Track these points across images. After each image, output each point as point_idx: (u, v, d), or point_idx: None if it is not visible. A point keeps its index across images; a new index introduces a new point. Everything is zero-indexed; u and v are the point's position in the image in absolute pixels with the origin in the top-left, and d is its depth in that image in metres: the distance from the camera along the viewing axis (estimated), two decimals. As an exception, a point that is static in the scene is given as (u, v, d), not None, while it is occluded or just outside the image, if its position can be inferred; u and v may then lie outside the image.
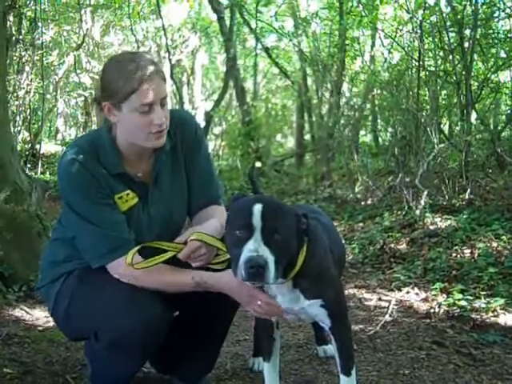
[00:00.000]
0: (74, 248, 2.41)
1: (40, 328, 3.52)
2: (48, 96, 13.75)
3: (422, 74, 7.25)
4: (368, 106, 10.25)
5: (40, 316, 3.75)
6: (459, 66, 6.89)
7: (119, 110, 2.26)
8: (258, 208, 1.97)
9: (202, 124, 14.29)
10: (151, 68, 2.24)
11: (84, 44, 13.06)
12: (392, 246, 5.59)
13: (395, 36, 8.62)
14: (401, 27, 8.69)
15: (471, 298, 3.93)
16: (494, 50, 7.33)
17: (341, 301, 2.31)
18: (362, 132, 11.16)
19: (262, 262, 1.90)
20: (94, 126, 16.24)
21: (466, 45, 6.70)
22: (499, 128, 7.53)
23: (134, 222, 2.38)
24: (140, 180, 2.41)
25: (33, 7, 9.31)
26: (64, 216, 2.46)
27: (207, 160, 2.62)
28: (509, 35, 7.11)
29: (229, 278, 2.18)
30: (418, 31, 7.21)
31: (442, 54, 7.28)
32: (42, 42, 10.37)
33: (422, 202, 6.11)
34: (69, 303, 2.38)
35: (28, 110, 11.35)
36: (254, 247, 1.92)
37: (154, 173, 2.44)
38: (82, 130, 18.05)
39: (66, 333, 2.57)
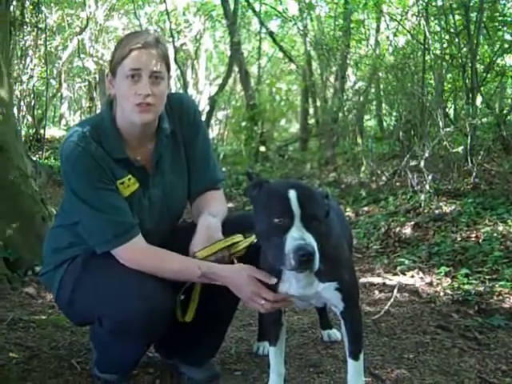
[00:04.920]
0: (76, 234, 2.41)
1: (45, 312, 3.53)
2: (52, 81, 13.72)
3: (428, 57, 7.20)
4: (373, 90, 10.20)
5: (45, 301, 3.76)
6: (465, 49, 6.83)
7: (114, 76, 2.31)
8: (293, 194, 1.95)
9: (207, 108, 14.28)
10: (148, 39, 2.28)
11: (87, 28, 13.02)
12: (397, 230, 5.59)
13: (400, 19, 8.56)
14: (406, 10, 8.63)
15: (476, 282, 3.94)
16: (500, 33, 7.28)
17: (355, 283, 2.30)
18: (367, 116, 11.11)
19: (312, 250, 1.89)
20: (99, 111, 16.27)
21: (472, 28, 6.64)
22: (505, 112, 7.47)
23: (135, 207, 2.38)
24: (140, 165, 2.41)
25: (36, -9, 9.27)
26: (67, 201, 2.45)
27: (206, 143, 2.62)
28: (515, 18, 7.06)
29: (237, 272, 2.21)
30: (424, 14, 7.15)
31: (447, 37, 7.22)
32: (46, 26, 10.34)
33: (427, 187, 6.10)
34: (73, 289, 2.38)
35: (32, 95, 11.34)
36: (298, 235, 1.90)
37: (155, 157, 2.44)
38: (86, 114, 18.07)
39: (71, 318, 2.58)
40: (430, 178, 6.16)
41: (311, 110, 14.40)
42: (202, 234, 2.33)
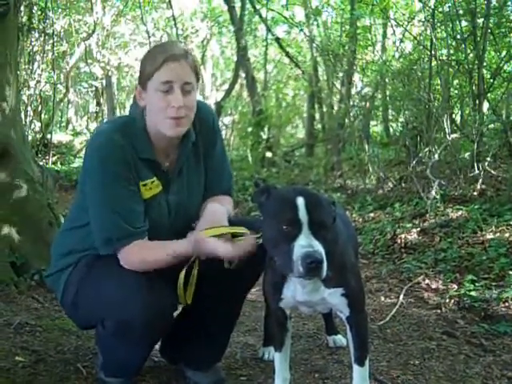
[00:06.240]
0: (83, 238, 2.42)
1: (51, 317, 3.53)
2: (59, 86, 13.77)
3: (434, 63, 7.20)
4: (379, 95, 10.20)
5: (51, 305, 3.77)
6: (471, 55, 6.83)
7: (145, 90, 2.31)
8: (301, 201, 1.96)
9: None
10: (178, 52, 2.29)
11: (95, 34, 13.07)
12: (403, 236, 5.57)
13: (407, 25, 8.56)
14: (413, 16, 8.64)
15: (482, 288, 3.92)
16: (506, 39, 7.27)
17: (361, 289, 2.31)
18: (373, 122, 11.10)
19: (320, 258, 1.89)
20: (105, 117, 16.33)
21: (479, 34, 6.64)
22: (511, 118, 7.47)
23: (155, 210, 2.39)
24: (165, 169, 2.42)
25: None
26: (81, 200, 2.43)
27: (222, 152, 2.65)
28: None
29: (189, 241, 2.24)
30: (430, 20, 7.15)
31: (454, 43, 7.22)
32: (53, 32, 10.38)
33: (433, 193, 6.09)
34: (76, 291, 2.39)
35: (39, 100, 11.39)
36: (306, 243, 1.91)
37: (178, 164, 2.45)
38: (93, 119, 18.12)
39: (76, 321, 2.59)
40: (436, 184, 6.15)
41: (317, 116, 14.39)
42: (208, 217, 2.35)
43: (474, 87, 6.69)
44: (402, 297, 4.00)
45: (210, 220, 2.33)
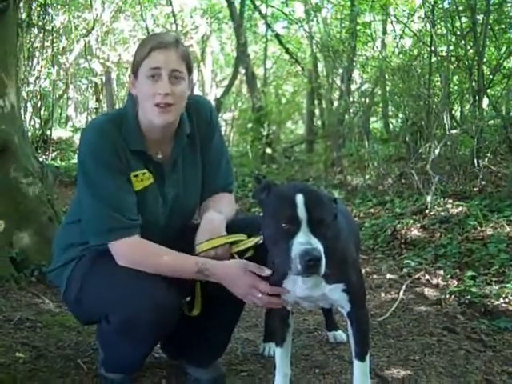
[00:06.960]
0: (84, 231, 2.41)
1: (52, 312, 3.53)
2: (58, 82, 13.76)
3: (434, 59, 7.19)
4: (379, 91, 10.18)
5: (51, 301, 3.77)
6: (471, 51, 6.82)
7: (136, 78, 2.32)
8: (301, 199, 1.96)
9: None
10: (168, 40, 2.30)
11: (94, 30, 13.05)
12: (403, 232, 5.58)
13: (407, 21, 8.55)
14: (413, 12, 8.63)
15: (482, 284, 3.93)
16: (506, 36, 7.26)
17: (362, 285, 2.30)
18: (373, 118, 11.08)
19: (318, 255, 1.89)
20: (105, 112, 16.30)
21: (479, 30, 6.63)
22: (511, 114, 7.46)
23: (148, 203, 2.38)
24: (159, 161, 2.41)
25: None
26: (78, 187, 2.42)
27: (220, 147, 2.63)
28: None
29: (231, 267, 2.23)
30: (430, 16, 7.14)
31: (454, 39, 7.21)
32: (53, 28, 10.37)
33: (433, 189, 6.08)
34: (80, 286, 2.39)
35: (39, 97, 11.37)
36: (305, 240, 1.91)
37: (173, 157, 2.45)
38: (92, 116, 18.09)
39: (78, 316, 2.58)
40: (436, 179, 6.14)
41: (317, 112, 14.38)
42: (206, 227, 2.35)
43: (473, 83, 6.68)
44: (402, 292, 4.00)
45: (207, 231, 2.33)
